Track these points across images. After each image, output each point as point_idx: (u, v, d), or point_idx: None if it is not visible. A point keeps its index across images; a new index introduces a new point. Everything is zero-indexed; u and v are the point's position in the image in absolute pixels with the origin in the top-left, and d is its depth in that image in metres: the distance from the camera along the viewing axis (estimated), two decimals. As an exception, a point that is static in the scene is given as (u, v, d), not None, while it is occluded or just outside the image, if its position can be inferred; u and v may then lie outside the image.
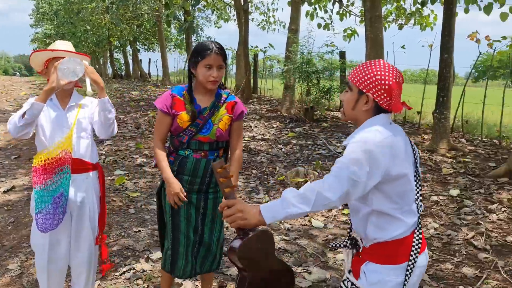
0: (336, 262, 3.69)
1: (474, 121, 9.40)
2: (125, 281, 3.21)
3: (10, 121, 2.23)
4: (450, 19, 7.32)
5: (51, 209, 2.30)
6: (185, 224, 2.52)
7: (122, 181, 5.60)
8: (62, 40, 2.52)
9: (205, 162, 2.48)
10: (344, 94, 1.76)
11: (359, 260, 1.73)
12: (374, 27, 8.29)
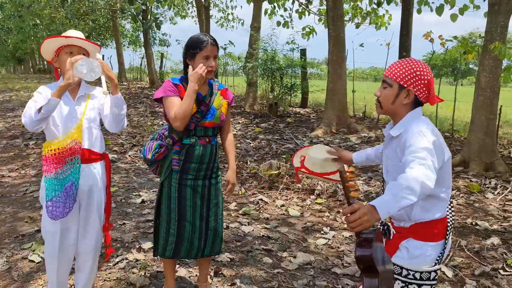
0: (317, 247, 3.91)
1: (428, 116, 9.98)
2: (120, 271, 3.28)
3: (25, 114, 2.27)
4: (408, 19, 7.78)
5: (62, 198, 2.34)
6: (191, 213, 2.63)
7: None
8: (75, 30, 2.52)
9: (210, 148, 2.62)
10: (381, 90, 1.94)
11: (398, 237, 1.91)
12: (336, 26, 8.64)
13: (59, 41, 2.39)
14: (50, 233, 2.47)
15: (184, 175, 2.61)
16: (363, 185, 5.76)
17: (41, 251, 3.59)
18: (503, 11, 6.01)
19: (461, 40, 8.67)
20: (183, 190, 2.62)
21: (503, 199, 5.18)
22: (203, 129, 2.60)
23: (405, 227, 1.91)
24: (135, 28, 27.41)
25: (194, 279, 3.20)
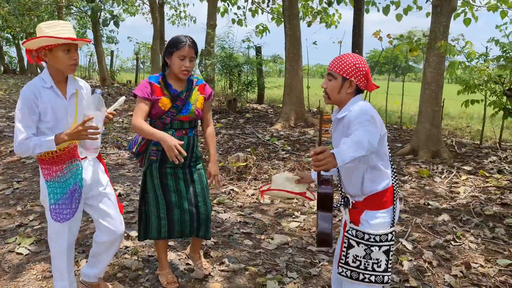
0: (291, 229, 4.24)
1: (377, 110, 10.66)
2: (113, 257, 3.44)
3: (20, 145, 2.25)
4: (359, 18, 8.29)
5: (67, 200, 2.41)
6: (176, 198, 2.83)
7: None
8: (63, 21, 2.41)
9: (187, 139, 2.80)
10: (327, 83, 2.23)
11: (357, 212, 2.22)
12: (292, 25, 9.03)
13: (52, 41, 2.28)
14: (58, 233, 2.50)
15: (163, 164, 2.81)
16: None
17: (26, 244, 3.68)
18: (444, 13, 6.61)
19: (406, 38, 9.37)
20: (165, 178, 2.83)
21: (450, 182, 5.76)
22: (179, 123, 2.78)
23: (360, 201, 2.22)
24: (82, 25, 26.66)
25: (183, 261, 3.43)
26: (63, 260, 2.55)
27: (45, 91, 2.35)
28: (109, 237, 2.63)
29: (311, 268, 3.40)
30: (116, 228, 2.64)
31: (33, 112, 2.29)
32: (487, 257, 3.71)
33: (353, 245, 2.17)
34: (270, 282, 3.09)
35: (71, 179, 2.43)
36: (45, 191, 2.43)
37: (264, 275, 3.26)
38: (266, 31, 13.69)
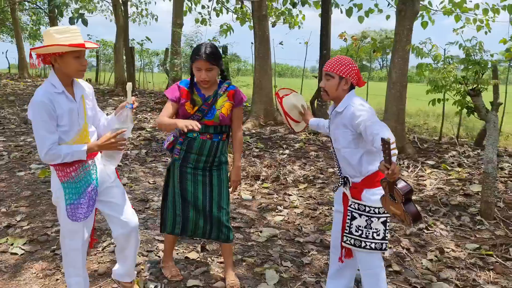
0: (276, 223, 4.46)
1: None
2: (111, 254, 3.52)
3: (49, 152, 2.31)
4: (327, 20, 8.62)
5: (85, 201, 2.48)
6: (192, 198, 2.94)
7: (45, 174, 5.57)
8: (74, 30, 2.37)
9: (210, 143, 2.88)
10: (326, 82, 2.53)
11: (357, 191, 2.49)
12: (261, 25, 9.26)
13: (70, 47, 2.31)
14: (73, 232, 2.53)
15: (185, 163, 2.93)
16: (300, 169, 6.43)
17: (20, 244, 3.69)
18: (408, 16, 7.04)
19: (361, 38, 9.81)
20: (184, 177, 2.94)
21: (416, 175, 6.17)
22: (204, 127, 2.84)
23: (358, 182, 2.51)
24: (35, 21, 25.75)
25: (181, 255, 3.57)
26: (79, 256, 2.60)
27: (58, 96, 2.38)
28: (123, 230, 2.68)
29: (302, 257, 3.63)
30: (129, 219, 2.69)
31: (53, 118, 2.34)
32: (457, 243, 4.08)
33: (356, 217, 2.48)
34: (269, 271, 3.29)
35: (85, 179, 2.50)
36: (59, 192, 2.47)
37: (261, 265, 3.46)
38: (230, 30, 13.84)
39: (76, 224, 2.51)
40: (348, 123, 2.46)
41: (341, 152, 2.55)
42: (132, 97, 2.59)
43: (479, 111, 4.72)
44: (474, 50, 4.67)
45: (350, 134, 2.48)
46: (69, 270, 2.64)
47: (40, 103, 2.31)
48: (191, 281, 3.13)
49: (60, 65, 2.38)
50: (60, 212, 2.53)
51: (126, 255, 2.78)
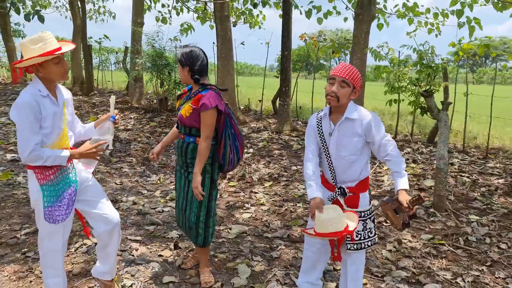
0: (244, 220, 4.62)
1: (303, 107, 11.38)
2: (84, 255, 3.57)
3: (33, 153, 2.34)
4: (288, 22, 8.84)
5: (62, 202, 2.53)
6: (177, 192, 3.18)
7: (7, 176, 5.47)
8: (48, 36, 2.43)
9: (181, 143, 3.05)
10: (340, 89, 2.52)
11: (355, 197, 2.63)
12: (223, 26, 9.36)
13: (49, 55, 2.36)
14: (52, 233, 2.57)
15: (177, 163, 3.18)
16: (264, 168, 6.62)
17: (-11, 248, 3.66)
18: (365, 20, 7.36)
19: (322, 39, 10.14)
20: (176, 174, 3.19)
21: (374, 172, 6.50)
22: (180, 127, 3.07)
23: (353, 186, 2.66)
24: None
25: (154, 253, 3.66)
26: (59, 257, 2.65)
27: (43, 99, 2.43)
28: (106, 226, 2.73)
29: (271, 252, 3.81)
30: (111, 215, 2.75)
31: (38, 120, 2.39)
32: (413, 234, 4.38)
33: None
34: (241, 266, 3.45)
35: (64, 182, 2.56)
36: (38, 195, 2.50)
37: (233, 260, 3.61)
38: (191, 29, 13.85)
39: (55, 226, 2.55)
40: (362, 132, 2.55)
41: (346, 159, 2.60)
42: (115, 109, 2.69)
43: (432, 111, 5.06)
44: (426, 54, 5.00)
45: (360, 142, 2.57)
46: (47, 271, 2.67)
47: (27, 104, 2.34)
48: (166, 278, 3.24)
49: (43, 73, 2.43)
50: (39, 214, 2.55)
51: (108, 251, 2.83)
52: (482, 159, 7.28)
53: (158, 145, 3.32)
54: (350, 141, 2.58)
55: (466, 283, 3.43)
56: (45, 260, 2.67)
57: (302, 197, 5.42)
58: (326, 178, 2.74)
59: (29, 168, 2.50)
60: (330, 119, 2.65)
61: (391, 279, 3.45)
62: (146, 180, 5.90)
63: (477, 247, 4.10)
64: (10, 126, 8.73)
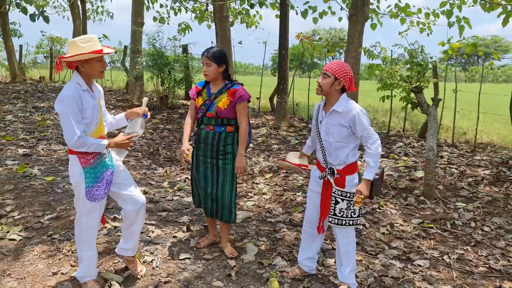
0: (248, 207, 4.97)
1: (300, 104, 11.74)
2: (105, 236, 3.91)
3: (78, 140, 2.68)
4: (285, 22, 9.21)
5: (103, 183, 2.88)
6: (203, 181, 3.48)
7: (23, 169, 5.79)
8: (95, 37, 2.76)
9: (212, 133, 3.38)
10: (322, 79, 2.97)
11: (341, 178, 2.99)
12: (223, 25, 9.70)
13: (96, 53, 2.70)
14: (91, 211, 2.93)
15: (198, 152, 3.49)
16: (264, 161, 6.97)
17: (16, 231, 3.98)
18: (359, 20, 7.73)
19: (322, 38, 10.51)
20: (197, 163, 3.52)
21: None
22: (207, 119, 3.40)
23: (341, 169, 3.02)
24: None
25: (169, 235, 4.01)
26: (94, 232, 3.01)
27: (84, 93, 2.76)
28: (134, 206, 3.07)
29: (275, 234, 4.17)
30: (139, 196, 3.10)
31: (80, 111, 2.73)
32: (404, 219, 4.76)
33: (339, 201, 3.00)
34: (249, 244, 3.81)
35: (102, 165, 2.91)
36: (80, 177, 2.84)
37: (241, 240, 3.97)
38: (189, 29, 14.16)
39: (94, 204, 2.91)
40: (347, 123, 2.94)
41: (333, 144, 3.00)
42: (145, 107, 3.10)
43: (421, 106, 5.44)
44: (416, 53, 5.38)
45: (345, 131, 2.96)
46: (83, 245, 3.02)
47: (71, 97, 2.68)
48: (182, 255, 3.60)
49: (86, 68, 2.78)
50: (79, 194, 2.90)
51: (133, 230, 3.17)
52: (470, 152, 7.69)
53: (185, 143, 3.44)
54: (336, 130, 2.98)
55: (451, 260, 3.81)
56: (82, 236, 3.01)
57: (301, 187, 5.78)
58: (318, 160, 3.14)
59: (71, 154, 2.85)
60: (323, 109, 3.08)
61: (384, 256, 3.82)
62: (153, 173, 6.23)
63: (462, 230, 4.48)
64: (17, 124, 9.03)
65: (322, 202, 3.10)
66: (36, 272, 3.32)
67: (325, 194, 3.09)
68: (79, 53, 2.68)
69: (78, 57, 2.69)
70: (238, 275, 3.34)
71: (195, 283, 3.21)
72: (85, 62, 2.76)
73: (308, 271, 3.37)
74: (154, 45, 10.87)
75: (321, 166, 3.12)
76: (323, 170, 3.09)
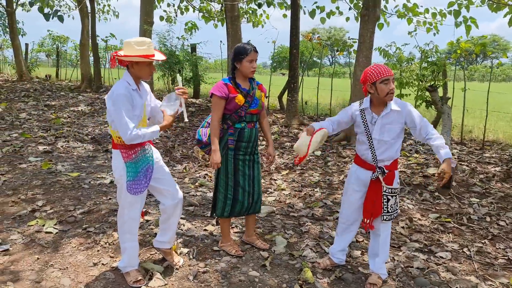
0: (270, 202, 5.12)
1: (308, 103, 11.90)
2: (139, 229, 4.05)
3: (132, 134, 2.83)
4: (296, 22, 9.35)
5: (142, 177, 3.02)
6: (243, 181, 3.49)
7: (47, 165, 5.93)
8: (149, 42, 2.89)
9: (255, 131, 3.46)
10: (392, 84, 3.07)
11: (391, 175, 3.13)
12: (234, 25, 9.84)
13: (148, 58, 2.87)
14: (132, 203, 3.07)
15: (237, 151, 3.44)
16: (279, 158, 7.12)
17: (52, 225, 4.13)
18: (371, 21, 7.88)
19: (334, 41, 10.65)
20: (237, 163, 3.45)
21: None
22: (250, 116, 3.41)
23: (389, 165, 3.17)
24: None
25: (199, 228, 4.16)
26: (136, 224, 3.17)
27: (133, 92, 2.92)
28: (172, 201, 3.24)
29: (301, 227, 4.33)
30: (176, 191, 3.27)
31: (131, 108, 2.88)
32: (422, 214, 4.92)
33: (390, 199, 3.13)
34: (278, 237, 3.97)
35: (143, 160, 3.05)
36: (123, 171, 2.99)
37: (269, 233, 4.12)
38: (195, 28, 14.28)
39: (135, 197, 3.06)
40: (404, 119, 3.06)
41: (387, 142, 3.08)
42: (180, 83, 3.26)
43: (436, 104, 5.61)
44: (432, 52, 5.54)
45: (399, 128, 3.06)
46: (125, 237, 3.17)
47: (123, 95, 2.83)
48: (216, 247, 3.75)
49: (135, 69, 2.93)
50: (121, 188, 3.05)
51: (170, 223, 3.32)
52: (479, 150, 7.85)
53: (218, 153, 3.35)
54: (392, 128, 3.07)
55: (471, 252, 3.97)
56: (124, 227, 3.16)
57: (317, 183, 5.94)
58: (366, 159, 3.20)
59: (115, 149, 3.00)
60: (372, 111, 3.12)
61: (407, 249, 3.98)
62: (172, 169, 6.38)
63: (479, 224, 4.64)
64: (32, 121, 9.16)
65: (371, 201, 3.19)
66: (78, 263, 3.47)
67: (374, 193, 3.17)
68: (132, 54, 2.83)
69: (130, 58, 2.84)
70: (272, 266, 3.50)
71: (232, 273, 3.36)
72: (136, 63, 2.91)
73: (338, 262, 3.53)
74: (165, 44, 11.00)
75: (369, 164, 3.18)
76: (371, 169, 3.17)
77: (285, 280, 3.28)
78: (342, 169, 6.55)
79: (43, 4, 8.48)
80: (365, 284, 3.28)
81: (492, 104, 13.51)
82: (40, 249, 3.69)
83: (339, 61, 59.07)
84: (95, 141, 7.85)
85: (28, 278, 3.20)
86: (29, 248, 3.71)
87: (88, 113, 10.66)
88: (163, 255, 3.49)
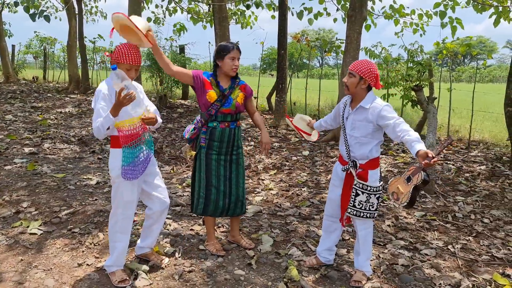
0: (258, 202, 5.13)
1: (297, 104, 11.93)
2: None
3: (94, 129, 2.87)
4: (284, 23, 9.38)
5: (137, 163, 2.99)
6: (216, 180, 3.46)
7: (33, 167, 5.87)
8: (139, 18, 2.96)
9: (228, 130, 3.41)
10: (348, 79, 3.10)
11: (364, 172, 3.13)
12: (222, 26, 9.83)
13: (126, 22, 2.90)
14: (128, 203, 3.07)
15: (209, 150, 3.43)
16: (267, 158, 7.13)
17: (36, 226, 4.09)
18: (357, 21, 7.93)
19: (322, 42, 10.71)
20: (209, 162, 3.44)
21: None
22: (222, 115, 3.38)
23: (363, 164, 3.17)
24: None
25: (186, 228, 4.15)
26: (130, 223, 3.15)
27: (113, 92, 2.92)
28: (160, 207, 3.25)
29: (287, 226, 4.34)
30: (166, 198, 3.28)
31: (105, 106, 2.89)
32: (408, 212, 4.96)
33: (359, 194, 3.13)
34: (264, 236, 3.97)
35: (141, 147, 3.03)
36: (117, 160, 2.97)
37: (256, 232, 4.13)
38: (184, 29, 14.25)
39: (132, 195, 3.06)
40: (374, 119, 3.04)
41: (357, 139, 3.13)
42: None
43: (421, 104, 5.66)
44: (416, 53, 5.59)
45: (371, 127, 3.06)
46: (116, 236, 3.14)
47: (102, 92, 2.90)
48: (202, 246, 3.74)
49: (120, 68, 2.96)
50: (118, 188, 3.05)
51: (153, 229, 3.35)
52: (465, 149, 7.94)
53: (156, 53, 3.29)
54: (362, 125, 3.10)
55: (456, 249, 4.01)
56: (116, 226, 3.14)
57: (305, 182, 5.96)
58: (342, 154, 3.28)
59: (113, 148, 3.01)
60: (350, 105, 3.20)
61: (392, 246, 4.01)
62: (160, 170, 6.35)
63: (463, 222, 4.69)
64: (18, 123, 9.08)
65: (343, 195, 3.25)
66: (62, 264, 3.44)
67: (346, 187, 3.22)
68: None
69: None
70: (257, 264, 3.50)
71: (218, 272, 3.36)
72: (118, 63, 2.94)
73: (325, 262, 3.53)
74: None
75: (344, 160, 3.24)
76: (346, 164, 3.22)
77: (270, 279, 3.29)
78: (330, 169, 6.57)
79: (28, 4, 8.39)
80: (350, 281, 3.30)
81: (479, 105, 13.66)
82: (24, 250, 3.65)
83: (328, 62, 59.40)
84: (82, 143, 7.80)
85: (11, 280, 3.17)
86: (12, 250, 3.67)
87: (75, 115, 10.58)
88: (147, 258, 3.47)
